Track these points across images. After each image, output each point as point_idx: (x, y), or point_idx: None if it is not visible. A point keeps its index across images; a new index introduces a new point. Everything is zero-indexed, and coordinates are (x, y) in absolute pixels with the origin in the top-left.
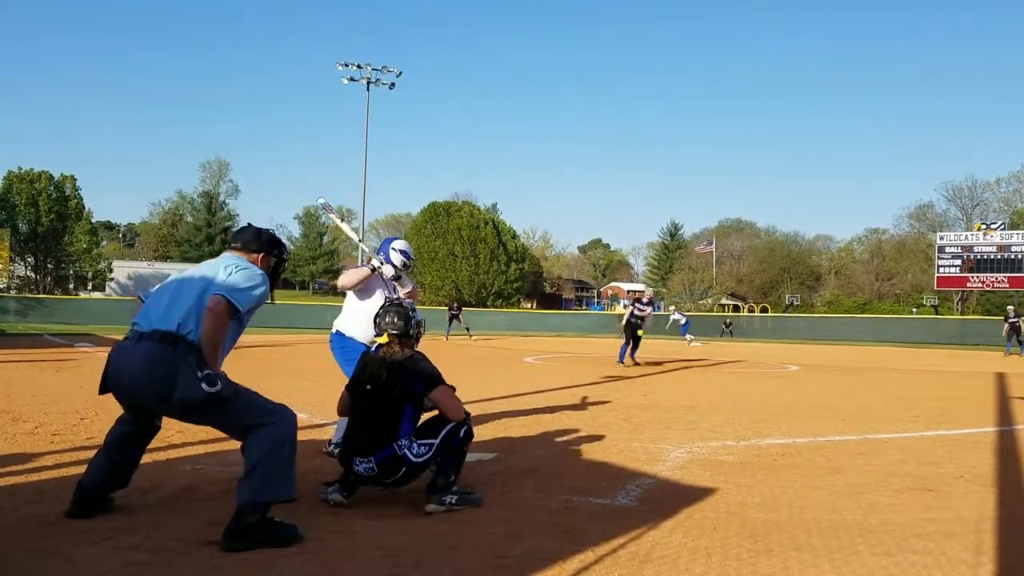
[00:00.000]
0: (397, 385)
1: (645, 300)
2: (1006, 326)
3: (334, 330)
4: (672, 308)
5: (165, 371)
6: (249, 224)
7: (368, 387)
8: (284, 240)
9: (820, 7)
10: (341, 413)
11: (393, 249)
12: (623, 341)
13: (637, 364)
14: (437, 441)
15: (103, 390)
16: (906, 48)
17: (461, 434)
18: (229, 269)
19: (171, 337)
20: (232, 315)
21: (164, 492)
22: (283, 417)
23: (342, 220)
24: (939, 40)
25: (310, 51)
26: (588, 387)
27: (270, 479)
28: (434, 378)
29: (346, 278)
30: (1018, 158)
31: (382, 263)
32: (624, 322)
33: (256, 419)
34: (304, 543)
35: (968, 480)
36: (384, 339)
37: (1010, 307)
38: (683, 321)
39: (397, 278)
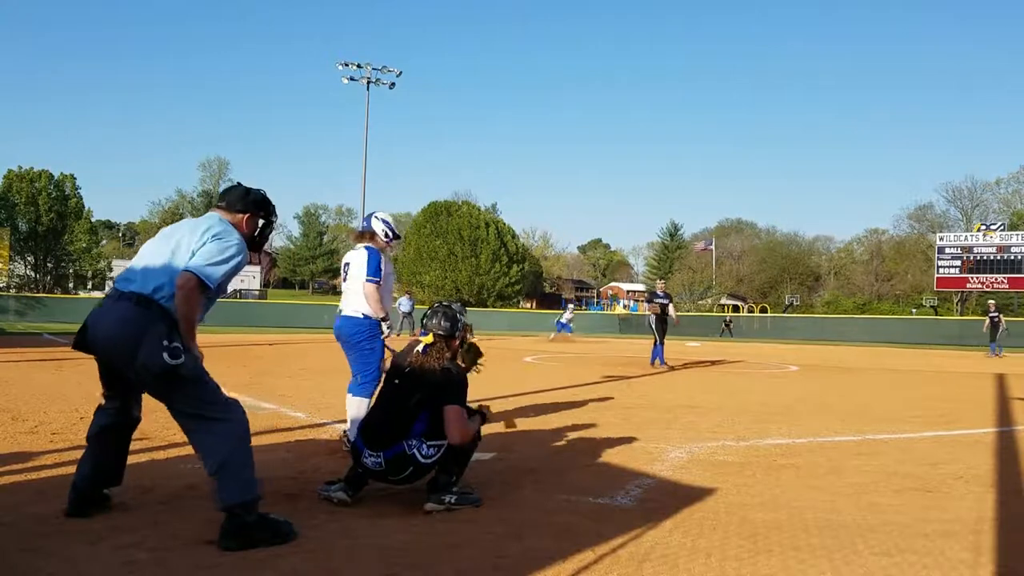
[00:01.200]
0: (421, 392)
1: (661, 293)
2: (987, 323)
3: (361, 315)
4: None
5: (133, 332)
6: (238, 183)
7: (396, 381)
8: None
9: (820, 7)
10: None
11: (376, 218)
12: (653, 341)
13: (665, 367)
14: (447, 443)
15: (78, 346)
16: (906, 49)
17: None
18: (204, 237)
19: (145, 300)
20: (203, 291)
21: (163, 491)
22: (238, 413)
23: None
24: (939, 41)
25: (310, 51)
26: (587, 387)
27: (243, 478)
28: (454, 397)
29: (370, 292)
30: (1018, 159)
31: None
32: (651, 321)
33: (210, 411)
34: (303, 542)
35: (967, 481)
36: (430, 339)
37: (991, 301)
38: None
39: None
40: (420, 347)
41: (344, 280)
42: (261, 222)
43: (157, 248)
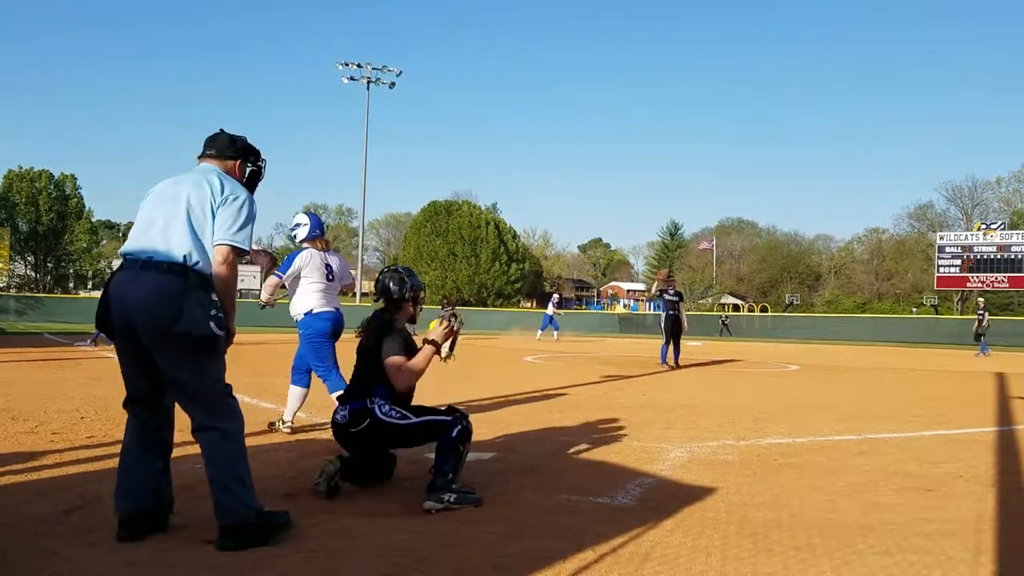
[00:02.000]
0: (372, 340)
1: (672, 291)
2: (976, 323)
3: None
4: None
5: (172, 300)
6: (221, 130)
7: (360, 341)
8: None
9: (821, 7)
10: None
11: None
12: (663, 340)
13: (676, 367)
14: (415, 421)
15: (101, 323)
16: (906, 48)
17: (454, 434)
18: (218, 198)
19: (180, 268)
20: (240, 255)
21: None
22: (239, 414)
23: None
24: (939, 40)
25: (310, 50)
26: (588, 387)
27: (249, 485)
28: (393, 348)
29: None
30: (1018, 158)
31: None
32: (663, 321)
33: (223, 399)
34: (303, 541)
35: (968, 480)
36: (381, 304)
37: (981, 299)
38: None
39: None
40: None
41: (330, 280)
42: (250, 169)
43: (167, 211)
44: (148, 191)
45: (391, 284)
